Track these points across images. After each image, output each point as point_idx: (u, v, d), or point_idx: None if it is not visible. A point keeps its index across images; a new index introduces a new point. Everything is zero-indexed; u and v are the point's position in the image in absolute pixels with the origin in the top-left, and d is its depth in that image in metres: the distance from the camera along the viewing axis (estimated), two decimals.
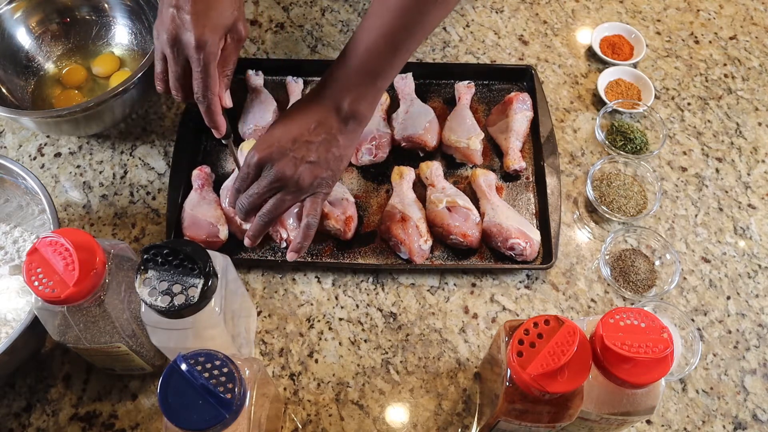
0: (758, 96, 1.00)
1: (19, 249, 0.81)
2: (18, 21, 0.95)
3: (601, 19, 1.08)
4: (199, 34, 0.67)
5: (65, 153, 0.94)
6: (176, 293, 0.59)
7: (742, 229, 0.89)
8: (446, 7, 0.70)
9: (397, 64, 0.71)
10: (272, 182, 0.70)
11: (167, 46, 0.69)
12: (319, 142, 0.71)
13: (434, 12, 0.69)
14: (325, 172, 0.72)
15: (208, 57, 0.68)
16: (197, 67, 0.68)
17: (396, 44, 0.69)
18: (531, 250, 0.82)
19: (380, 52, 0.69)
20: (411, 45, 0.70)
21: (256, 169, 0.71)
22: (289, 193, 0.71)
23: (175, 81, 0.71)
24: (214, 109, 0.72)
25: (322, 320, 0.81)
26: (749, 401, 0.77)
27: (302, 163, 0.70)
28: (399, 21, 0.68)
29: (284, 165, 0.69)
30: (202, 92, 0.69)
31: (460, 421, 0.75)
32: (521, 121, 0.91)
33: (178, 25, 0.67)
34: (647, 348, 0.54)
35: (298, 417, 0.75)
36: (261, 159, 0.70)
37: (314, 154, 0.70)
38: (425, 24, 0.69)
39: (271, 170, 0.70)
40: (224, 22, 0.69)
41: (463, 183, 0.90)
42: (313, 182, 0.71)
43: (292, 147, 0.70)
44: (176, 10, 0.67)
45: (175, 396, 0.51)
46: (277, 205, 0.71)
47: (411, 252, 0.82)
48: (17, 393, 0.77)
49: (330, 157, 0.71)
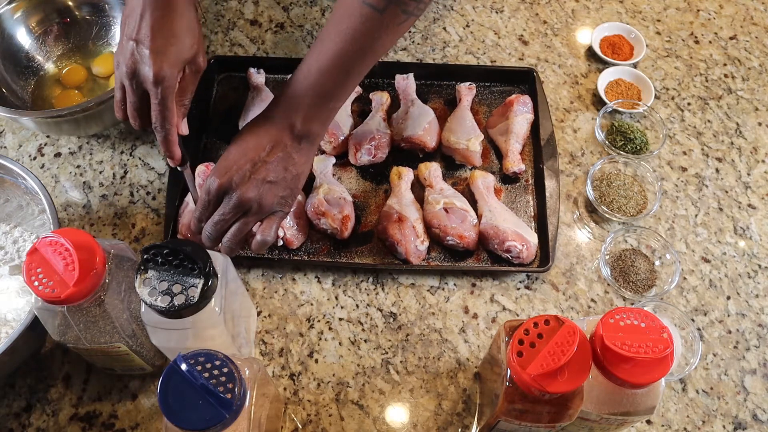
0: (758, 96, 1.00)
1: (19, 249, 0.81)
2: (18, 21, 0.95)
3: (601, 19, 1.08)
4: (158, 69, 0.68)
5: (65, 153, 0.94)
6: (176, 293, 0.59)
7: (742, 229, 0.89)
8: (397, 33, 0.72)
9: (349, 86, 0.73)
10: (235, 207, 0.70)
11: (126, 77, 0.70)
12: (276, 161, 0.71)
13: (385, 38, 0.70)
14: (284, 191, 0.72)
15: (165, 91, 0.69)
16: (155, 99, 0.70)
17: (348, 68, 0.70)
18: (528, 253, 0.82)
19: (332, 74, 0.70)
20: (362, 68, 0.72)
21: (216, 196, 0.70)
22: (252, 215, 0.71)
23: (133, 110, 0.73)
24: (171, 138, 0.73)
25: (322, 320, 0.81)
26: (749, 401, 0.77)
27: (263, 184, 0.70)
28: (351, 46, 0.69)
29: (246, 189, 0.69)
30: (160, 123, 0.71)
31: (460, 421, 0.75)
32: (521, 124, 0.91)
33: (137, 59, 0.69)
34: (647, 348, 0.54)
35: (298, 417, 0.75)
36: (221, 185, 0.69)
37: (272, 174, 0.70)
38: (376, 49, 0.71)
39: (233, 195, 0.69)
40: (183, 56, 0.71)
41: (462, 184, 0.90)
42: (273, 202, 0.71)
43: (251, 169, 0.70)
44: (136, 44, 0.69)
45: (175, 396, 0.51)
46: (241, 228, 0.71)
47: (407, 252, 0.82)
48: (17, 393, 0.77)
49: (288, 176, 0.72)
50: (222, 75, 1.00)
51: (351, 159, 0.90)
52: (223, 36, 1.06)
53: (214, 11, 1.08)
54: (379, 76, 0.99)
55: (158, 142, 0.73)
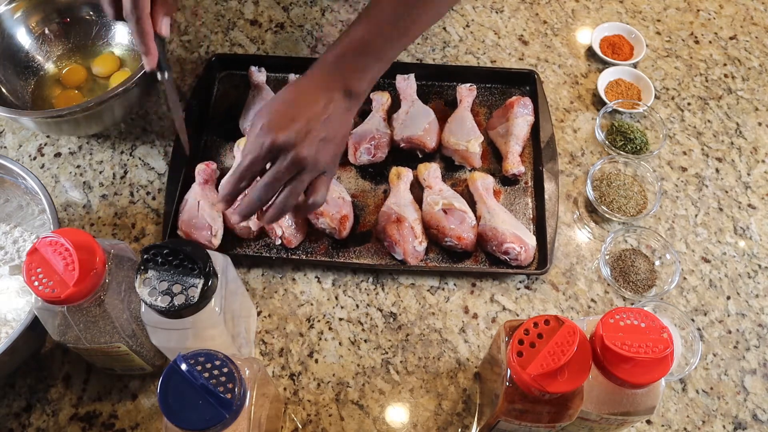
0: (758, 96, 1.00)
1: (19, 249, 0.81)
2: (18, 21, 0.95)
3: (601, 19, 1.08)
4: None
5: (65, 153, 0.94)
6: (176, 293, 0.59)
7: (742, 229, 0.89)
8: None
9: (400, 45, 0.71)
10: (291, 165, 0.66)
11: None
12: (329, 119, 0.68)
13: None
14: (335, 149, 0.70)
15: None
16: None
17: (400, 27, 0.70)
18: (526, 255, 0.82)
19: (383, 33, 0.69)
20: (414, 28, 0.71)
21: (270, 153, 0.66)
22: (306, 174, 0.68)
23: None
24: (144, 28, 0.67)
25: (322, 320, 0.81)
26: (749, 401, 0.77)
27: (318, 142, 0.67)
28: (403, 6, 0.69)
29: (303, 147, 0.66)
30: (130, 8, 0.65)
31: (460, 421, 0.75)
32: (522, 126, 0.91)
33: None
34: (647, 348, 0.54)
35: (298, 417, 0.75)
36: (276, 142, 0.65)
37: (326, 132, 0.68)
38: (429, 9, 0.70)
39: (289, 153, 0.66)
40: None
41: (462, 186, 0.90)
42: (327, 161, 0.69)
43: (307, 126, 0.67)
44: None
45: (175, 396, 0.51)
46: (293, 191, 0.68)
47: (405, 253, 0.82)
48: (17, 393, 0.77)
49: (338, 135, 0.70)
50: (223, 73, 1.00)
51: (350, 158, 0.90)
52: (223, 36, 1.06)
53: (214, 11, 1.08)
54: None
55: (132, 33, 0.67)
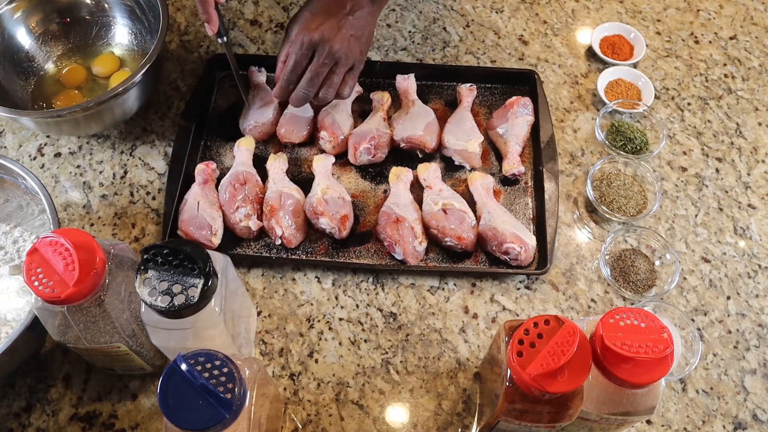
0: (758, 96, 1.00)
1: (19, 249, 0.81)
2: (18, 21, 0.95)
3: (601, 19, 1.08)
4: None
5: (65, 153, 0.94)
6: (176, 293, 0.59)
7: (742, 229, 0.89)
8: None
9: None
10: (328, 57, 0.78)
11: None
12: (357, 18, 0.80)
13: None
14: (363, 46, 0.82)
15: None
16: None
17: None
18: (526, 255, 0.82)
19: None
20: None
21: (309, 49, 0.78)
22: (340, 65, 0.80)
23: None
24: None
25: (322, 320, 0.81)
26: (749, 401, 0.77)
27: (349, 38, 0.79)
28: None
29: (336, 41, 0.77)
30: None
31: (460, 421, 0.75)
32: (522, 126, 0.91)
33: None
34: (647, 348, 0.54)
35: (298, 417, 0.75)
36: (313, 39, 0.77)
37: (353, 29, 0.79)
38: None
39: (325, 47, 0.77)
40: None
41: (462, 186, 0.90)
42: (357, 54, 0.81)
43: (337, 24, 0.78)
44: None
45: (175, 396, 0.51)
46: (332, 78, 0.81)
47: (405, 253, 0.82)
48: (17, 393, 0.77)
49: (365, 33, 0.82)
50: (223, 73, 1.00)
51: (350, 158, 0.90)
52: None
53: None
54: (380, 76, 0.99)
55: (197, 4, 0.77)
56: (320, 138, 0.91)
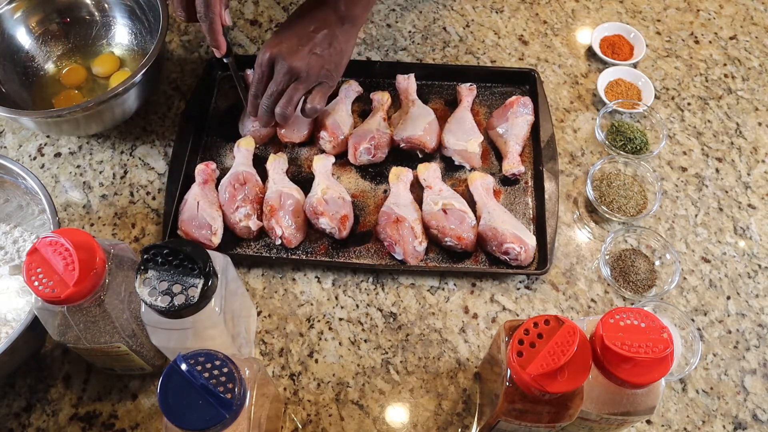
0: (758, 96, 1.00)
1: (19, 249, 0.81)
2: (18, 21, 0.95)
3: (601, 19, 1.08)
4: None
5: (65, 153, 0.94)
6: (176, 293, 0.59)
7: (742, 229, 0.89)
8: None
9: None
10: (286, 74, 0.80)
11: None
12: (321, 37, 0.81)
13: None
14: (329, 64, 0.82)
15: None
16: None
17: None
18: (526, 255, 0.82)
19: None
20: None
21: (268, 67, 0.81)
22: (301, 82, 0.81)
23: (179, 3, 0.77)
24: (216, 27, 0.77)
25: (322, 320, 0.81)
26: (749, 401, 0.77)
27: (310, 55, 0.80)
28: None
29: (295, 58, 0.79)
30: (204, 11, 0.75)
31: (460, 421, 0.75)
32: (522, 125, 0.91)
33: None
34: (647, 348, 0.54)
35: (298, 417, 0.75)
36: (272, 55, 0.80)
37: (318, 47, 0.80)
38: None
39: (283, 64, 0.79)
40: None
41: (462, 186, 0.90)
42: (320, 72, 0.81)
43: (298, 42, 0.80)
44: None
45: (175, 396, 0.51)
46: (292, 95, 0.82)
47: (405, 253, 0.82)
48: (17, 393, 0.77)
49: (332, 51, 0.82)
50: (223, 74, 1.00)
51: (350, 158, 0.90)
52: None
53: None
54: (380, 76, 0.99)
55: (204, 32, 0.78)
56: (320, 138, 0.91)
